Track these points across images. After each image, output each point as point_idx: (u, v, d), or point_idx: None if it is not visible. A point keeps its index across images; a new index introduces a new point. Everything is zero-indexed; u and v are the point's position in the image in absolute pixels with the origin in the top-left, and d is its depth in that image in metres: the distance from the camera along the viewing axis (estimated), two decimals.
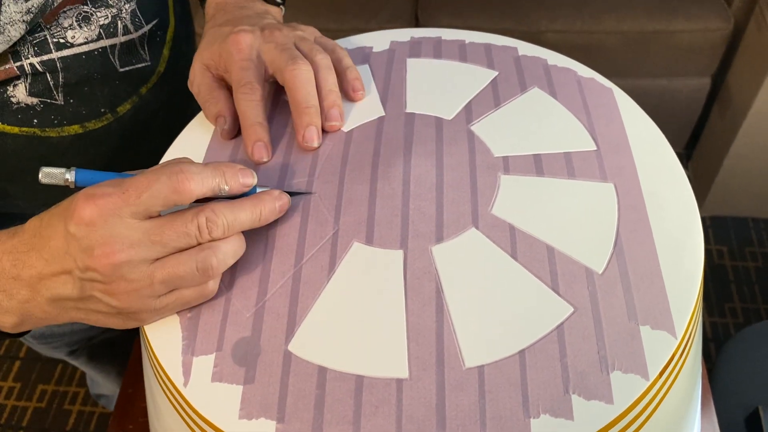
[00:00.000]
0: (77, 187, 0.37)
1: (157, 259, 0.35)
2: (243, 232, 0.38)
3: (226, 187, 0.37)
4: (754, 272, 1.52)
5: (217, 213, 0.36)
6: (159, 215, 0.36)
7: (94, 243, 0.34)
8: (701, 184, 1.58)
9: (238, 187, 0.38)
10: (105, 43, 0.53)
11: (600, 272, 0.38)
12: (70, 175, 0.37)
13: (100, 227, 0.34)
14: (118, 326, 0.38)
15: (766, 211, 1.59)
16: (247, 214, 0.38)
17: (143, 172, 0.37)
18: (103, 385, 1.13)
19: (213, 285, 0.38)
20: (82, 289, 0.35)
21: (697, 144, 1.64)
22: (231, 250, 0.37)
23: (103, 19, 0.52)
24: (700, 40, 1.43)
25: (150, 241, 0.34)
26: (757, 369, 0.84)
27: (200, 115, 0.50)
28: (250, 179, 0.39)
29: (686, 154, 1.69)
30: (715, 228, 1.59)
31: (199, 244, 0.36)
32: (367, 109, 0.48)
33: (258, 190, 0.40)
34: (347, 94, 0.49)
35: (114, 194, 0.34)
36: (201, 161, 0.46)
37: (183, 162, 0.37)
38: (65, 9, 0.50)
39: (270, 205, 0.39)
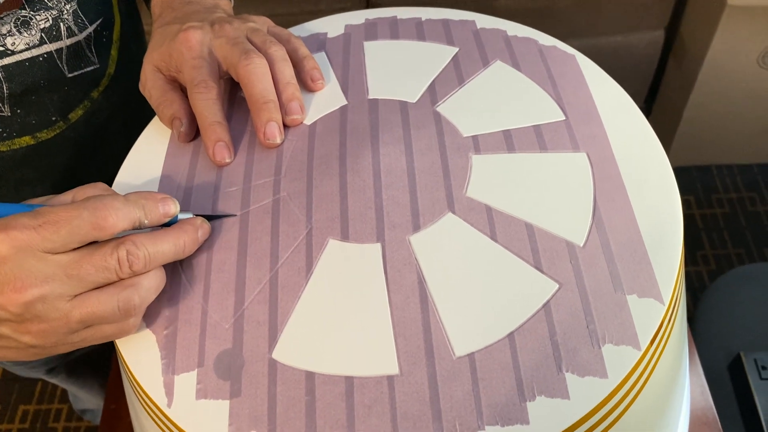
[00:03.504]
0: None
1: (76, 296, 0.33)
2: (219, 240, 0.36)
3: (146, 221, 0.35)
4: (722, 218, 1.54)
5: (138, 245, 0.34)
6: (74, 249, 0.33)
7: (4, 279, 0.31)
8: (663, 137, 1.59)
9: (159, 218, 0.36)
10: (50, 47, 0.51)
11: (581, 245, 0.38)
12: None
13: (11, 261, 0.31)
14: (29, 359, 0.36)
15: (727, 157, 1.61)
16: (169, 246, 0.36)
17: (57, 202, 0.34)
18: (86, 399, 1.11)
19: (134, 321, 0.35)
20: None
21: (656, 97, 1.66)
22: (153, 285, 0.35)
23: (43, 22, 0.49)
24: None
25: (66, 275, 0.32)
26: (737, 315, 0.86)
27: (156, 120, 0.48)
28: (172, 209, 0.37)
29: (646, 108, 1.70)
30: (680, 178, 1.59)
31: (120, 277, 0.34)
32: (328, 98, 0.47)
33: (180, 216, 0.38)
34: (306, 84, 0.47)
35: (29, 227, 0.31)
36: (160, 168, 0.44)
37: (104, 196, 0.34)
38: (2, 15, 0.47)
39: (192, 235, 0.37)
